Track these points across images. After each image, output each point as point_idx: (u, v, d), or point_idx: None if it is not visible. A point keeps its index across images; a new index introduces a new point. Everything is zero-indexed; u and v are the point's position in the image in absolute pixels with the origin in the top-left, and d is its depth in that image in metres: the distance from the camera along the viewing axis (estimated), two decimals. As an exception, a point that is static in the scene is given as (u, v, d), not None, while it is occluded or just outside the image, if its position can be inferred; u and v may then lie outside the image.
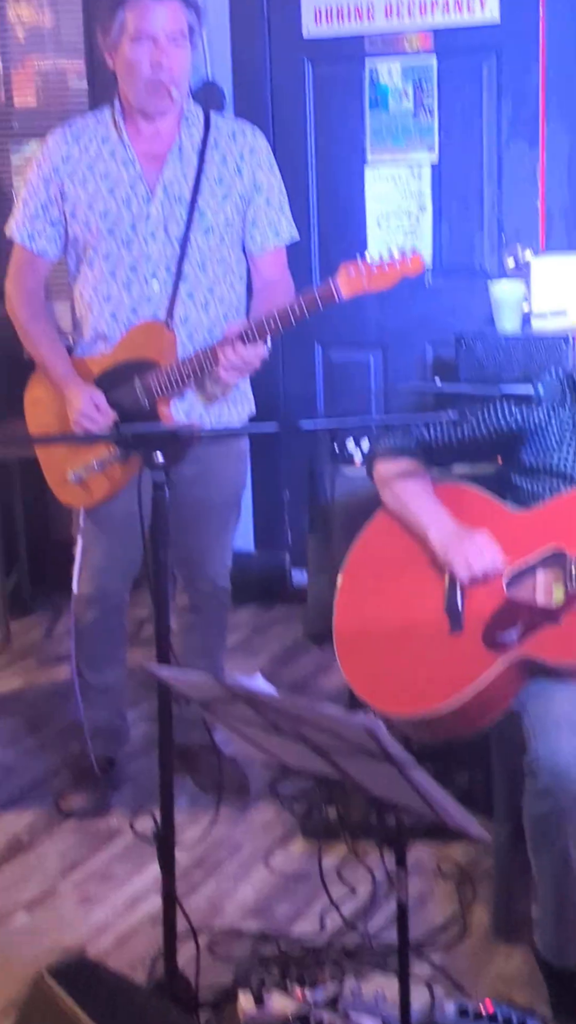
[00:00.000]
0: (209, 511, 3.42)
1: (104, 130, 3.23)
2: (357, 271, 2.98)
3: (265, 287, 3.31)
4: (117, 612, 3.49)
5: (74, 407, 3.20)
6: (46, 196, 3.25)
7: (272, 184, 3.30)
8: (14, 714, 4.11)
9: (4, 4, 5.00)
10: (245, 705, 2.03)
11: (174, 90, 3.09)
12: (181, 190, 3.18)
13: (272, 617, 4.83)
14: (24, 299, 3.32)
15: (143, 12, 3.05)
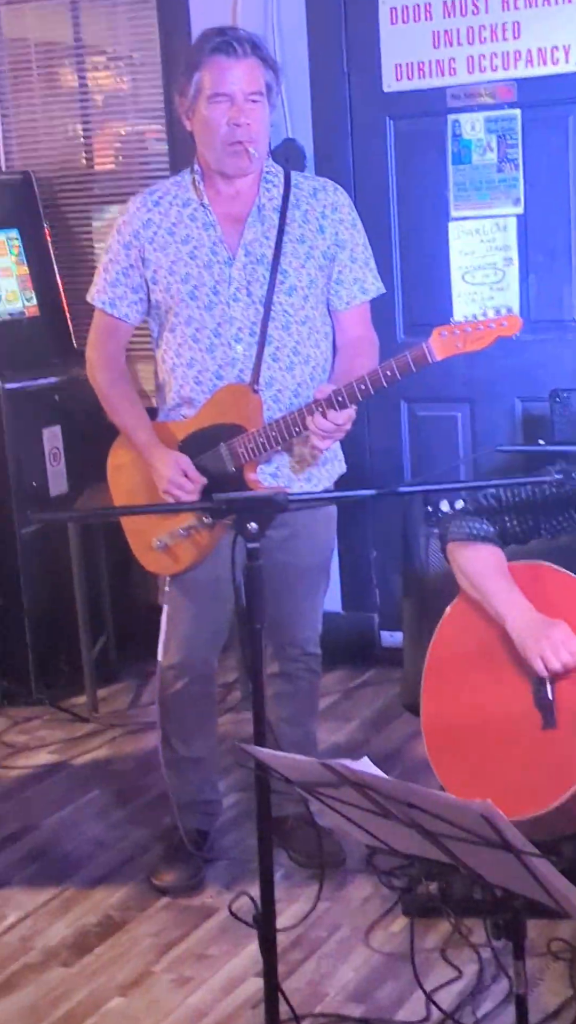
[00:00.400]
0: (298, 575, 3.34)
1: (184, 194, 3.19)
2: (451, 334, 2.90)
3: (350, 344, 3.24)
4: (205, 681, 3.41)
5: (161, 474, 3.14)
6: (127, 262, 3.21)
7: (356, 240, 3.24)
8: (103, 785, 4.04)
9: (84, 69, 5.01)
10: (352, 789, 1.93)
11: (252, 149, 3.05)
12: (263, 251, 3.13)
13: (362, 680, 4.73)
14: (105, 365, 3.28)
15: (220, 72, 3.02)
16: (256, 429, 3.09)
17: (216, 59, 3.02)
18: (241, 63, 3.02)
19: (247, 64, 3.02)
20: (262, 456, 3.12)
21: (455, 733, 2.81)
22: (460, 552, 2.87)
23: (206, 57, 3.03)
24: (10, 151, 5.13)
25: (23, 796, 4.00)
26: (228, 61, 3.01)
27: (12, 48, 5.08)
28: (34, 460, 4.64)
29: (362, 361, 3.11)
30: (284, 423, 3.05)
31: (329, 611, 4.77)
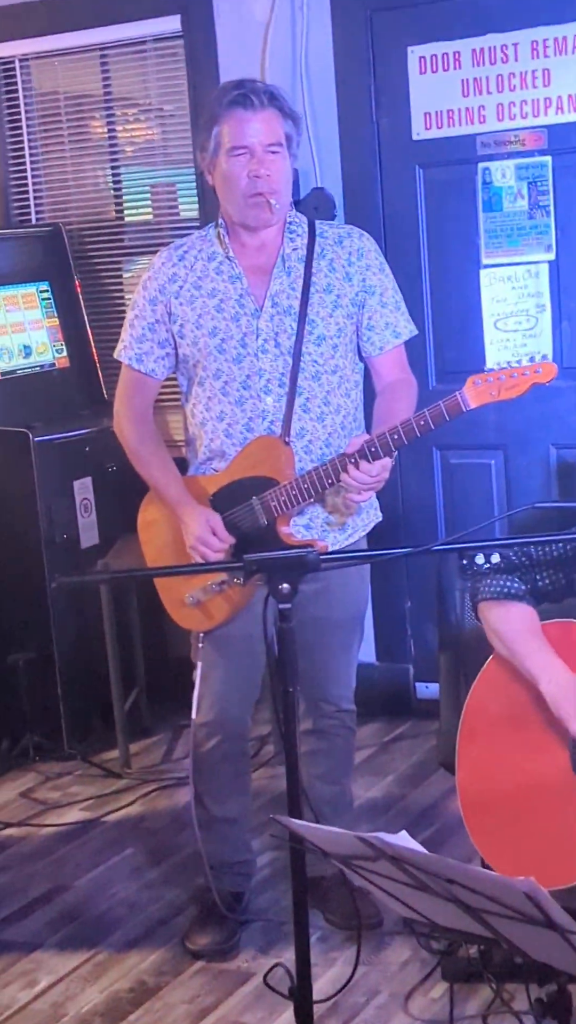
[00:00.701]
0: (331, 630, 3.29)
1: (209, 247, 3.17)
2: (485, 382, 2.85)
3: (388, 389, 3.20)
4: (239, 740, 3.36)
5: (190, 531, 3.10)
6: (153, 317, 3.19)
7: (385, 284, 3.20)
8: (136, 843, 3.98)
9: (113, 121, 5.02)
10: (390, 863, 1.87)
11: (273, 200, 3.03)
12: (290, 302, 3.11)
13: (398, 733, 4.66)
14: (133, 421, 3.26)
15: (238, 125, 3.00)
16: (288, 482, 3.05)
17: (234, 112, 3.01)
18: (259, 115, 3.00)
19: (265, 116, 3.01)
20: (294, 509, 3.08)
21: (491, 795, 2.74)
22: (492, 611, 2.81)
23: (224, 111, 3.02)
24: (40, 204, 5.14)
25: (55, 856, 3.95)
26: (246, 114, 3.00)
27: (42, 102, 5.10)
28: (65, 512, 4.62)
29: (401, 406, 3.06)
30: (316, 475, 3.01)
31: (363, 662, 4.71)
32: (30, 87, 5.09)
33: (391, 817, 4.01)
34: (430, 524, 4.65)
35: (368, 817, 4.00)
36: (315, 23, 4.52)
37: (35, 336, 4.80)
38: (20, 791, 4.42)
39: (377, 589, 4.75)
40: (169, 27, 4.75)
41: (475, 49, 4.33)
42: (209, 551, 3.08)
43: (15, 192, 5.13)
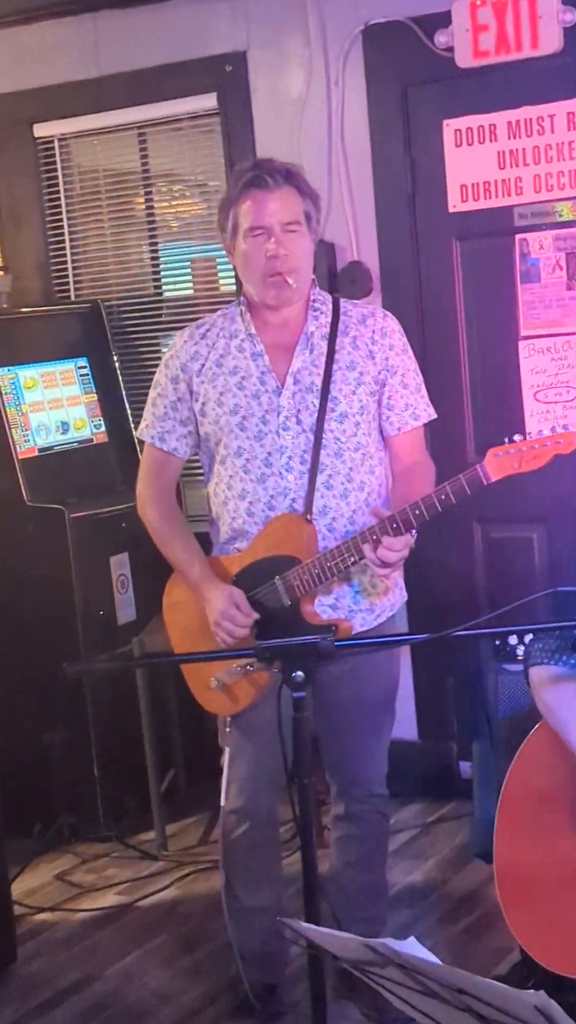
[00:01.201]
0: (360, 713, 3.21)
1: (232, 325, 3.14)
2: (506, 454, 2.78)
3: (405, 470, 3.16)
4: (268, 826, 3.28)
5: (213, 608, 3.05)
6: (175, 396, 3.17)
7: (407, 365, 3.16)
8: (169, 930, 3.89)
9: (152, 196, 5.04)
10: (399, 971, 1.79)
11: (291, 279, 2.99)
12: (312, 379, 3.06)
13: (440, 815, 4.54)
14: (155, 500, 3.22)
15: (256, 205, 2.99)
16: (311, 560, 2.99)
17: (250, 193, 2.99)
18: (275, 194, 2.98)
19: (281, 194, 2.99)
20: (318, 588, 3.01)
21: (529, 879, 2.65)
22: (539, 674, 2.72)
23: (240, 192, 3.00)
24: (80, 281, 5.15)
25: (87, 942, 3.87)
26: (262, 194, 2.98)
27: (82, 179, 5.13)
28: (101, 588, 4.58)
29: (420, 488, 3.01)
30: (339, 552, 2.95)
31: (404, 740, 4.64)
32: (69, 165, 5.12)
33: (430, 904, 3.89)
34: (470, 600, 4.56)
35: (407, 903, 3.89)
36: (350, 98, 4.52)
37: (73, 412, 4.79)
38: (55, 874, 4.35)
39: (418, 664, 4.68)
40: (206, 104, 4.77)
41: (511, 121, 4.30)
42: (234, 627, 3.02)
43: (55, 269, 5.15)
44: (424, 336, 4.49)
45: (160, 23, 4.74)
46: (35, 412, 4.66)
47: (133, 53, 4.80)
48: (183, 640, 3.24)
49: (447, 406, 4.44)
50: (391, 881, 3.98)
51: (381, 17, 4.40)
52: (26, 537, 4.50)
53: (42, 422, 4.68)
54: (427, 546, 4.59)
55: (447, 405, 4.44)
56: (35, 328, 4.86)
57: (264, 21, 4.60)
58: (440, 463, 3.99)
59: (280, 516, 3.06)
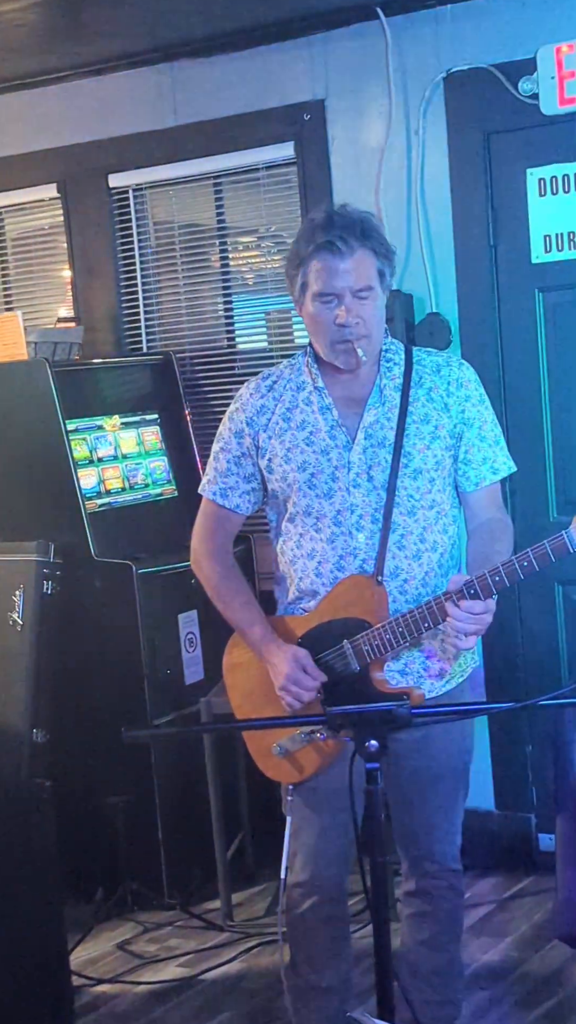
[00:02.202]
0: (432, 783, 3.04)
1: (299, 377, 3.01)
2: None
3: (482, 527, 2.98)
4: (336, 901, 3.10)
5: (279, 672, 2.91)
6: (239, 451, 3.04)
7: (484, 417, 2.99)
8: (233, 1006, 3.73)
9: (227, 249, 4.97)
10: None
11: (361, 350, 2.85)
12: (384, 433, 2.92)
13: (519, 889, 4.34)
14: (214, 557, 3.10)
15: (327, 271, 2.82)
16: (381, 624, 2.84)
17: (322, 257, 2.82)
18: (348, 260, 2.81)
19: (355, 260, 2.82)
20: (389, 654, 2.86)
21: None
22: None
23: (312, 254, 2.84)
24: (152, 333, 5.08)
25: (148, 1018, 3.71)
26: (334, 260, 2.81)
27: (157, 231, 5.07)
28: (169, 646, 4.46)
29: (498, 548, 2.85)
30: (412, 617, 2.80)
31: (481, 810, 4.47)
32: (144, 216, 5.07)
33: (508, 985, 3.69)
34: (552, 666, 4.38)
35: (482, 984, 3.70)
36: (430, 146, 4.42)
37: (143, 466, 4.70)
38: (116, 942, 4.20)
39: (494, 731, 4.50)
40: (283, 154, 4.69)
41: (596, 169, 4.18)
42: (299, 689, 2.88)
43: (127, 321, 5.09)
44: (505, 390, 4.35)
45: (237, 72, 4.68)
46: (104, 465, 4.57)
47: (209, 102, 4.74)
48: (244, 703, 3.10)
49: (529, 464, 4.30)
50: (466, 959, 3.78)
51: (463, 64, 4.30)
52: (94, 593, 4.40)
53: (111, 476, 4.59)
54: (505, 608, 4.43)
55: (529, 463, 4.30)
56: (106, 380, 4.78)
57: (343, 69, 4.52)
58: (520, 522, 3.86)
59: (349, 577, 2.92)
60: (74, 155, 5.03)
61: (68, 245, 5.15)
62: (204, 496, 3.12)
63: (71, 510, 4.41)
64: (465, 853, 3.23)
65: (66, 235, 5.15)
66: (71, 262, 5.15)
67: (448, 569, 2.95)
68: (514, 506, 4.17)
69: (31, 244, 5.32)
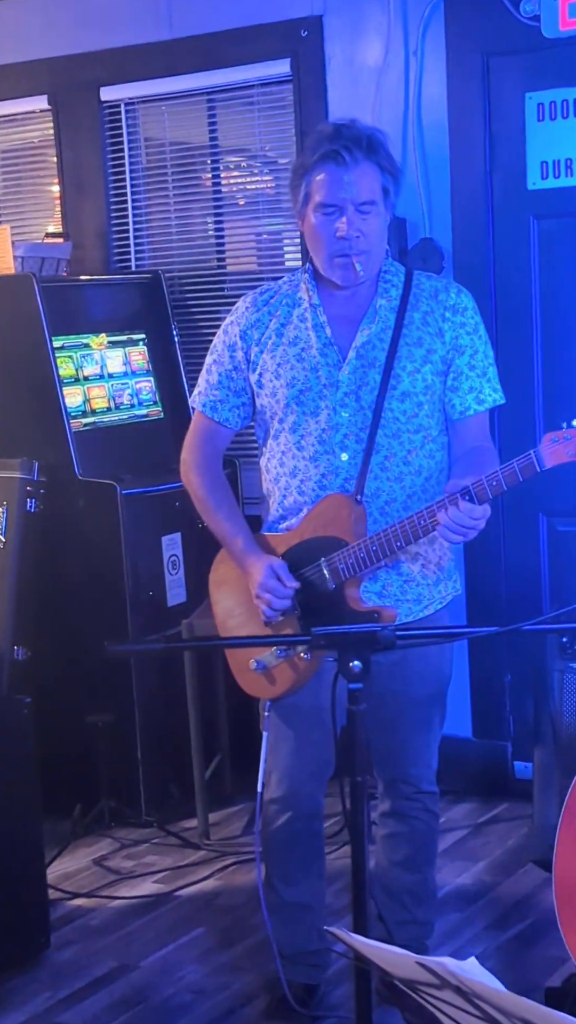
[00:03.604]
0: (409, 706, 3.05)
1: (296, 293, 2.99)
2: (563, 440, 2.57)
3: (464, 456, 2.95)
4: (311, 818, 3.13)
5: (254, 581, 2.92)
6: (231, 364, 3.02)
7: (476, 346, 2.97)
8: (209, 922, 3.76)
9: (219, 169, 4.90)
10: (457, 995, 1.63)
11: (359, 265, 2.82)
12: (376, 354, 2.89)
13: (493, 815, 4.38)
14: (201, 468, 3.08)
15: (331, 181, 2.79)
16: (358, 543, 2.82)
17: (326, 167, 2.79)
18: (352, 172, 2.78)
19: (360, 172, 2.79)
20: (364, 572, 2.85)
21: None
22: None
23: (316, 163, 2.81)
24: (141, 251, 5.02)
25: (123, 931, 3.74)
26: (339, 171, 2.78)
27: (148, 149, 4.99)
28: (152, 568, 4.45)
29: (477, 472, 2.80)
30: (386, 535, 2.77)
31: (459, 737, 4.49)
32: (135, 133, 4.99)
33: (480, 908, 3.73)
34: (534, 596, 4.38)
35: (455, 906, 3.74)
36: (429, 68, 4.34)
37: (129, 386, 4.67)
38: (93, 858, 4.23)
39: (474, 659, 4.52)
40: (278, 71, 4.61)
41: (597, 95, 4.11)
42: (273, 598, 2.88)
43: (116, 239, 5.02)
44: (496, 318, 4.31)
45: (234, -15, 4.59)
46: (90, 384, 4.53)
47: (205, 16, 4.65)
48: (228, 619, 3.11)
49: (518, 392, 4.28)
50: (440, 882, 3.82)
51: (464, -17, 4.22)
52: (77, 512, 4.38)
53: (97, 395, 4.56)
54: (489, 538, 4.44)
55: (517, 391, 4.28)
56: (94, 297, 4.73)
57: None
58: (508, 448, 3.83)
59: (330, 496, 2.90)
60: (66, 67, 4.94)
61: (58, 160, 5.07)
62: (194, 408, 3.10)
63: (56, 429, 4.37)
64: (442, 779, 3.25)
65: (56, 149, 5.07)
66: (60, 177, 5.08)
67: (432, 495, 2.93)
68: (502, 433, 4.15)
69: (20, 158, 5.24)
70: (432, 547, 2.97)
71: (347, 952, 1.87)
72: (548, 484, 4.29)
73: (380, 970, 1.79)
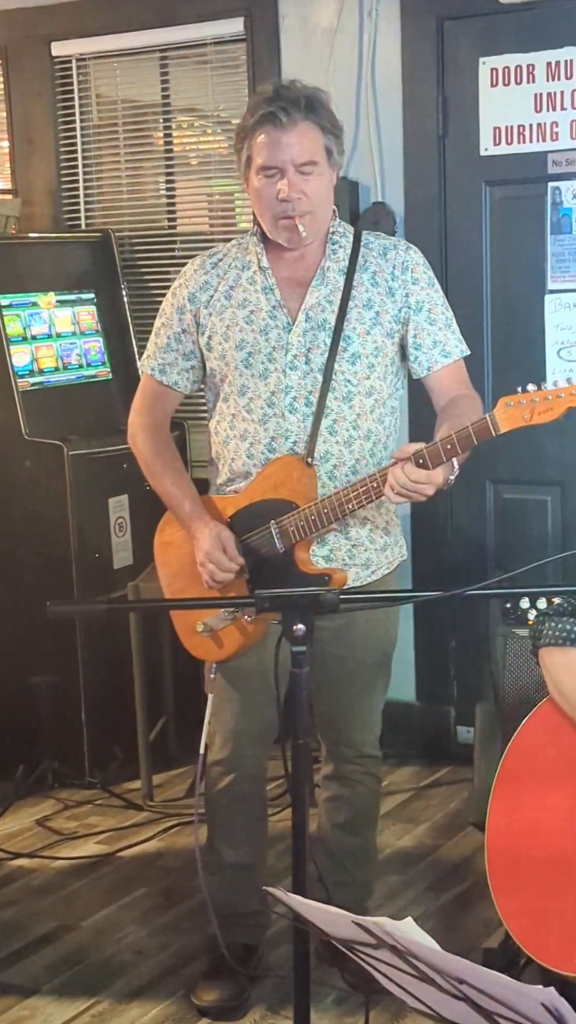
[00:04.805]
0: (353, 671, 3.06)
1: (245, 256, 2.97)
2: (518, 405, 2.56)
3: (447, 406, 2.92)
4: (254, 780, 3.14)
5: (199, 547, 2.91)
6: (179, 327, 3.00)
7: (434, 300, 2.95)
8: (149, 883, 3.77)
9: (171, 128, 4.85)
10: (393, 954, 1.65)
11: (302, 226, 2.80)
12: (325, 316, 2.88)
13: (435, 779, 4.41)
14: (149, 431, 3.06)
15: (270, 143, 2.77)
16: (308, 505, 2.82)
17: (264, 129, 2.77)
18: (291, 133, 2.75)
19: (299, 132, 2.76)
20: (314, 535, 2.85)
21: (523, 858, 2.51)
22: (553, 657, 2.58)
23: (255, 125, 2.78)
24: (91, 210, 4.98)
25: (65, 891, 3.74)
26: (276, 132, 2.75)
27: (100, 106, 4.94)
28: (99, 530, 4.43)
29: (463, 421, 2.71)
30: (337, 499, 2.77)
31: (402, 701, 4.52)
32: (87, 90, 4.93)
33: (421, 870, 3.77)
34: (480, 562, 4.41)
35: (396, 868, 3.77)
36: (383, 31, 4.32)
37: (77, 346, 4.63)
38: (36, 819, 4.22)
39: (419, 625, 4.54)
40: (232, 30, 4.57)
41: (550, 62, 4.10)
42: (217, 569, 2.88)
43: (66, 197, 4.97)
44: (447, 284, 4.28)
45: None
46: (38, 343, 4.49)
47: (159, -29, 4.60)
48: (174, 581, 3.10)
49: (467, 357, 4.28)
50: (381, 845, 3.86)
51: (420, -55, 4.20)
52: (24, 472, 4.34)
53: (45, 354, 4.51)
54: (437, 505, 4.45)
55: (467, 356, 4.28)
56: (43, 256, 4.67)
57: (297, -58, 4.40)
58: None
59: (279, 458, 2.90)
60: (17, 20, 4.87)
61: (7, 115, 5.01)
62: (143, 371, 3.08)
63: (2, 388, 4.33)
64: (385, 742, 3.27)
65: (6, 104, 5.01)
66: (10, 133, 5.01)
67: (381, 460, 2.92)
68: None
69: (-31, 112, 5.17)
70: (380, 511, 2.97)
71: (287, 913, 1.87)
72: (495, 452, 4.31)
73: (318, 930, 1.80)
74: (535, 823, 2.52)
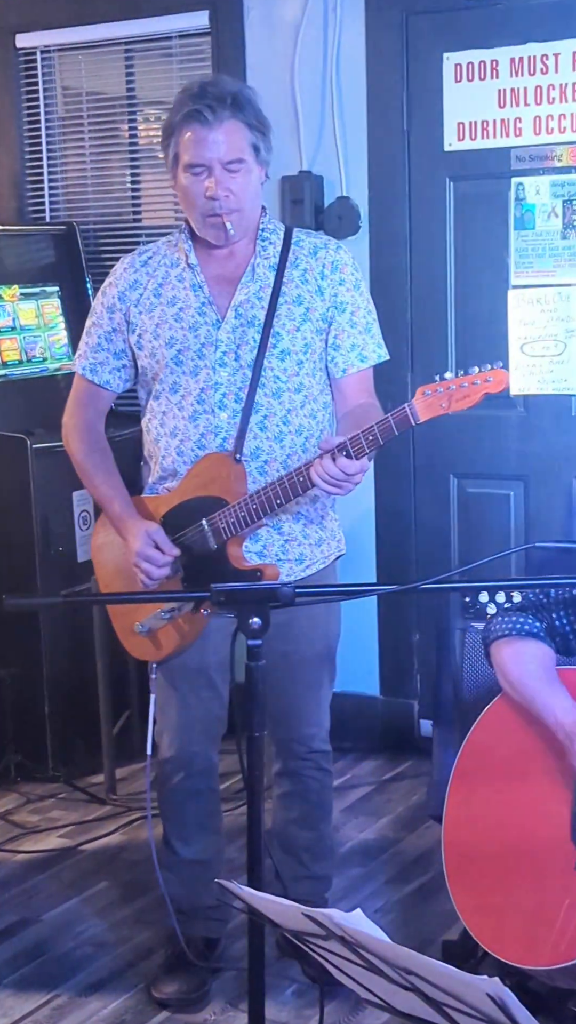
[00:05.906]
0: (298, 667, 3.06)
1: (174, 253, 2.97)
2: (435, 393, 2.56)
3: (349, 413, 2.93)
4: (206, 776, 3.15)
5: (131, 547, 2.90)
6: (110, 326, 3.01)
7: (357, 302, 2.96)
8: (112, 876, 3.77)
9: (135, 121, 4.84)
10: (342, 945, 1.66)
11: (230, 224, 2.80)
12: (255, 313, 2.89)
13: (398, 772, 4.43)
14: (81, 433, 3.07)
15: (195, 141, 2.77)
16: (238, 502, 2.81)
17: (190, 127, 2.76)
18: (217, 131, 2.75)
19: (225, 130, 2.76)
20: (246, 531, 2.85)
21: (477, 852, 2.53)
22: (504, 650, 2.60)
23: (181, 123, 2.78)
24: (56, 203, 4.96)
25: (27, 885, 3.74)
26: (202, 131, 2.75)
27: (65, 98, 4.92)
28: (62, 524, 4.42)
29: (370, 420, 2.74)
30: (266, 494, 2.76)
31: (365, 695, 4.53)
32: (51, 82, 4.91)
33: (381, 863, 3.78)
34: (443, 555, 4.42)
35: (358, 861, 3.78)
36: (348, 25, 4.32)
37: (42, 339, 4.61)
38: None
39: (383, 620, 4.55)
40: (196, 23, 4.56)
41: (514, 58, 4.11)
42: (152, 567, 2.87)
43: (30, 188, 4.96)
44: (411, 279, 4.33)
45: None
46: (2, 336, 4.48)
47: (124, -37, 4.59)
48: (112, 583, 3.10)
49: (431, 352, 4.32)
50: (342, 838, 3.88)
51: None
52: (-14, 465, 4.34)
53: (8, 347, 4.50)
54: (400, 498, 4.48)
55: (431, 351, 4.32)
56: (6, 248, 4.66)
57: None
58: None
59: (208, 456, 2.90)
60: (-20, 11, 4.85)
61: (-28, 106, 4.98)
62: (75, 371, 3.08)
63: (-36, 380, 4.33)
64: (348, 736, 3.28)
65: (-30, 95, 4.98)
66: (-26, 124, 4.99)
67: (312, 454, 2.89)
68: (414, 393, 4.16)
69: None
70: (314, 506, 2.97)
71: (241, 906, 1.88)
72: (458, 446, 4.34)
73: (270, 922, 1.81)
74: (490, 818, 2.53)
